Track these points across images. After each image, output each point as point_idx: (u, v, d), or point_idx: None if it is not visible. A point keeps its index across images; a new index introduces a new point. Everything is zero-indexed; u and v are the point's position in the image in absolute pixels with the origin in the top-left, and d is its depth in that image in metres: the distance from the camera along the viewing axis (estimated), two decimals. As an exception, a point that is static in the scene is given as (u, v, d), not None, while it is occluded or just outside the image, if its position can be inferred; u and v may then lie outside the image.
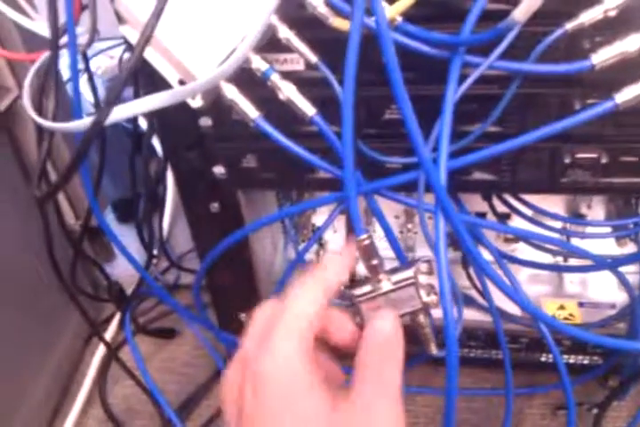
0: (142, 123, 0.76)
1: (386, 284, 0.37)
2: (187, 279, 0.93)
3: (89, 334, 0.84)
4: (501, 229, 0.58)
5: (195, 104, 0.40)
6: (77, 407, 0.74)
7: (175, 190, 0.97)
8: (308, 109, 0.40)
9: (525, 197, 0.60)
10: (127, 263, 0.90)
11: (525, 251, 0.70)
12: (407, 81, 0.35)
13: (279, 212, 0.69)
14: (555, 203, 0.64)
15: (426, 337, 0.39)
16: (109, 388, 0.78)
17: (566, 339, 0.64)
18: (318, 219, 0.74)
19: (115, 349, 0.77)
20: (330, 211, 0.71)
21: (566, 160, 0.46)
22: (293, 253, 0.73)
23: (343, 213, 0.68)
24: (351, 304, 0.37)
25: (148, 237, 0.61)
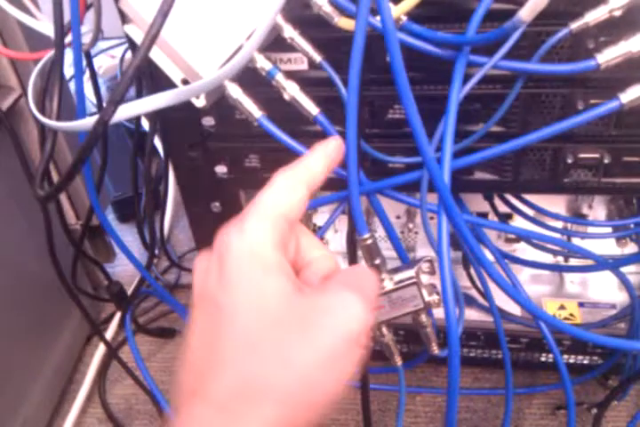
0: (144, 122, 0.76)
1: (388, 283, 0.37)
2: (187, 279, 0.93)
3: (88, 334, 0.84)
4: (504, 229, 0.58)
5: (199, 103, 0.40)
6: (77, 407, 0.74)
7: (176, 190, 0.97)
8: (312, 109, 0.40)
9: (527, 197, 0.60)
10: (127, 263, 0.90)
11: (525, 251, 0.70)
12: (410, 81, 0.35)
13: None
14: (556, 203, 0.64)
15: (427, 337, 0.39)
16: (109, 388, 0.78)
17: (566, 339, 0.64)
18: (319, 218, 0.74)
19: (115, 348, 0.77)
20: (331, 210, 0.71)
21: (569, 160, 0.46)
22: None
23: (344, 213, 0.68)
24: None
25: (150, 236, 0.61)
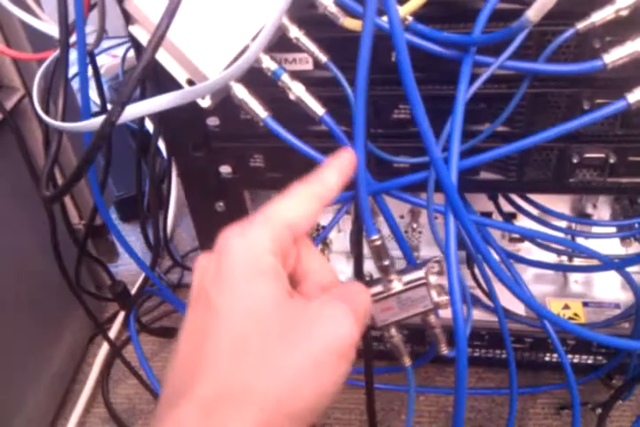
0: (147, 122, 0.76)
1: (397, 284, 0.37)
2: (190, 278, 0.92)
3: (91, 334, 0.84)
4: (509, 229, 0.58)
5: (204, 104, 0.40)
6: (80, 407, 0.74)
7: (178, 189, 0.97)
8: (318, 109, 0.40)
9: (531, 197, 0.60)
10: (129, 262, 0.90)
11: (529, 251, 0.70)
12: (415, 81, 0.35)
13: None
14: (560, 202, 0.64)
15: (436, 337, 0.39)
16: (112, 387, 0.78)
17: (571, 338, 0.64)
18: (323, 218, 0.74)
19: (118, 348, 0.77)
20: (334, 210, 0.71)
21: (574, 160, 0.46)
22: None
23: (348, 213, 0.68)
24: None
25: (154, 236, 0.61)
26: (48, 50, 0.48)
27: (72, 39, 0.42)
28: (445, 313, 0.38)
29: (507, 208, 0.62)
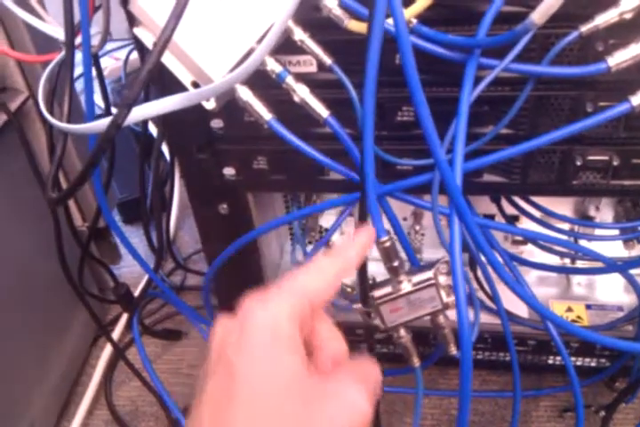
0: (150, 124, 0.76)
1: (406, 285, 0.37)
2: (192, 281, 0.93)
3: (95, 336, 0.84)
4: (513, 231, 0.58)
5: (209, 106, 0.40)
6: (84, 409, 0.74)
7: (181, 192, 0.97)
8: (322, 111, 0.40)
9: (534, 199, 0.60)
10: (132, 265, 0.90)
11: (532, 253, 0.70)
12: (420, 83, 0.35)
13: (291, 214, 0.69)
14: (563, 205, 0.64)
15: (445, 338, 0.39)
16: (115, 389, 0.78)
17: (574, 341, 0.64)
18: (325, 220, 0.74)
19: (121, 350, 0.77)
20: (337, 212, 0.71)
21: (578, 162, 0.46)
22: (300, 254, 0.73)
23: (351, 215, 0.68)
24: (368, 306, 0.37)
25: (157, 238, 0.61)
26: (51, 52, 0.48)
27: (76, 41, 0.43)
28: (453, 314, 0.38)
29: (509, 210, 0.62)
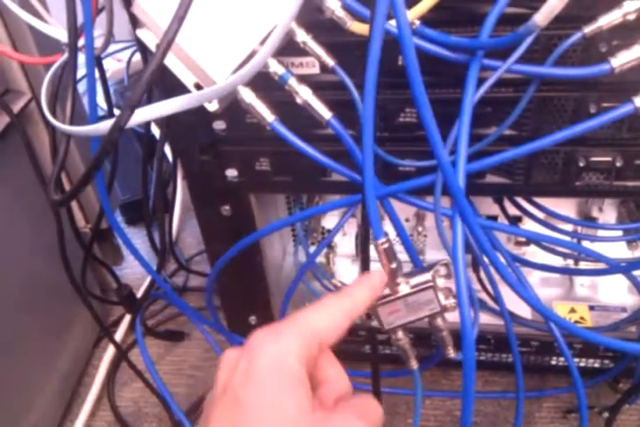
0: (153, 126, 0.76)
1: (404, 287, 0.37)
2: (195, 282, 0.93)
3: (97, 338, 0.84)
4: (517, 232, 0.58)
5: (211, 108, 0.40)
6: (87, 410, 0.74)
7: (184, 193, 0.97)
8: (325, 113, 0.40)
9: (536, 200, 0.60)
10: (134, 266, 0.90)
11: (535, 254, 0.70)
12: (423, 84, 0.35)
13: (293, 215, 0.69)
14: (566, 205, 0.64)
15: (443, 340, 0.39)
16: (118, 391, 0.78)
17: (577, 342, 0.64)
18: (327, 222, 0.74)
19: (124, 351, 0.77)
20: (340, 213, 0.71)
21: (581, 163, 0.46)
22: (303, 255, 0.73)
23: (354, 217, 0.68)
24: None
25: (160, 240, 0.61)
26: (54, 54, 0.48)
27: (79, 43, 0.43)
28: (452, 316, 0.38)
29: (512, 211, 0.62)
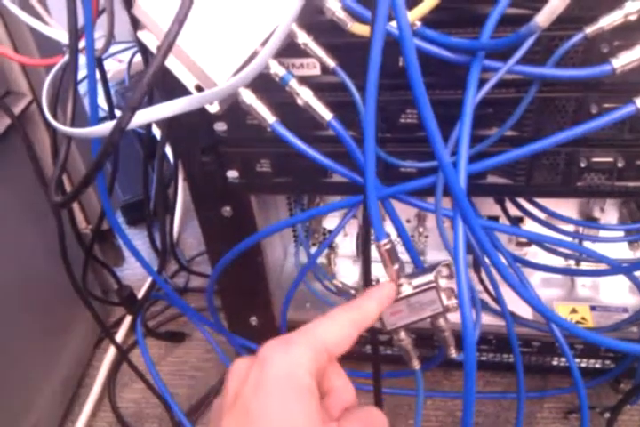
0: (154, 127, 0.76)
1: (406, 288, 0.37)
2: (196, 283, 0.93)
3: (98, 338, 0.84)
4: (518, 233, 0.58)
5: (212, 109, 0.40)
6: (87, 411, 0.74)
7: (185, 194, 0.97)
8: (326, 114, 0.40)
9: (538, 200, 0.60)
10: (135, 267, 0.90)
11: (536, 254, 0.70)
12: (424, 86, 0.35)
13: (294, 216, 0.69)
14: (567, 206, 0.64)
15: (445, 341, 0.39)
16: (119, 391, 0.78)
17: (578, 343, 0.64)
18: (329, 222, 0.74)
19: (125, 352, 0.77)
20: (341, 214, 0.71)
21: (582, 164, 0.46)
22: (304, 256, 0.73)
23: (355, 217, 0.68)
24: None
25: (161, 240, 0.61)
26: (55, 55, 0.48)
27: (80, 44, 0.43)
28: (453, 317, 0.38)
29: (513, 212, 0.62)
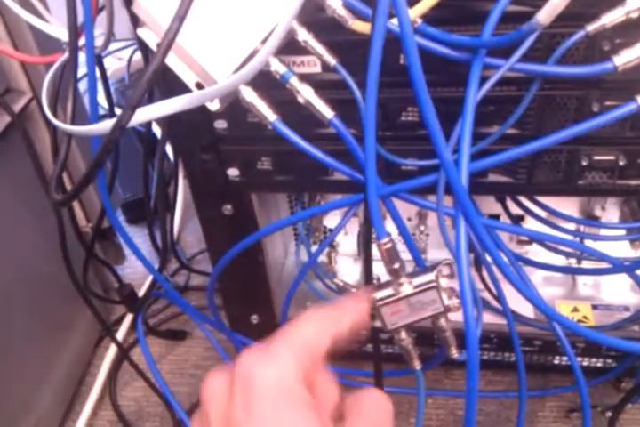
0: (154, 125, 0.76)
1: (407, 287, 0.36)
2: (196, 281, 0.93)
3: (99, 337, 0.84)
4: (519, 231, 0.58)
5: (212, 107, 0.40)
6: (88, 409, 0.74)
7: (185, 193, 0.97)
8: (327, 112, 0.40)
9: (539, 199, 0.60)
10: (135, 265, 0.90)
11: (537, 253, 0.70)
12: (425, 83, 0.34)
13: (295, 215, 0.69)
14: (568, 204, 0.64)
15: (447, 340, 0.39)
16: (120, 390, 0.78)
17: (580, 341, 0.64)
18: (329, 221, 0.74)
19: (126, 350, 0.77)
20: (341, 213, 0.71)
21: (584, 162, 0.46)
22: (305, 254, 0.73)
23: (355, 216, 0.68)
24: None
25: (162, 239, 0.61)
26: (55, 53, 0.48)
27: (80, 42, 0.42)
28: (455, 316, 0.38)
29: (515, 210, 0.62)
